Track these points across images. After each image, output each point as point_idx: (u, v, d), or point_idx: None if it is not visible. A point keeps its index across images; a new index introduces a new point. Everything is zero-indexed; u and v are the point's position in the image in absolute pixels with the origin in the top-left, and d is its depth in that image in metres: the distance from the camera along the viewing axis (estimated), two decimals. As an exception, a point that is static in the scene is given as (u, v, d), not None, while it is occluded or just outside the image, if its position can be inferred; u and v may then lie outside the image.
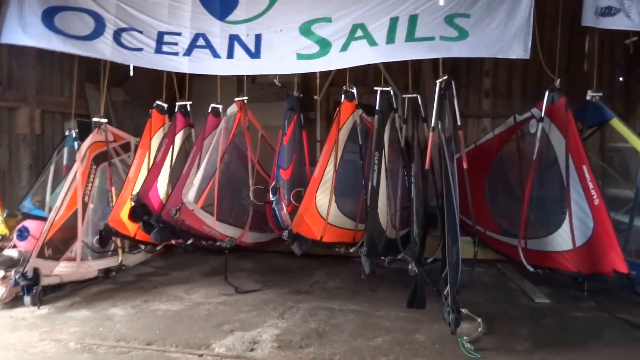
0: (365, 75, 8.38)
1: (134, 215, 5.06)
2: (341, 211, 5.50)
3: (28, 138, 6.64)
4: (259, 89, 9.05)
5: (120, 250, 6.02)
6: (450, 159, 4.67)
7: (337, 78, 8.24)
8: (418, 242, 4.90)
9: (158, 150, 5.51)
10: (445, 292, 4.89)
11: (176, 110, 6.01)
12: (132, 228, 5.48)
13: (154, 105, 6.06)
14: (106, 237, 5.20)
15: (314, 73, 7.04)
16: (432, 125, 4.91)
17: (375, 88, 5.48)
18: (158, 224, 4.89)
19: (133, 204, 5.01)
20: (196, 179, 5.22)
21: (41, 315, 4.88)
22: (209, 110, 5.89)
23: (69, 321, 4.73)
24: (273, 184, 5.24)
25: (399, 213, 5.61)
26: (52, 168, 6.11)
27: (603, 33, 5.74)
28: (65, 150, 6.16)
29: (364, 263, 4.56)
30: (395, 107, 5.59)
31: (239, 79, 6.30)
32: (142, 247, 6.03)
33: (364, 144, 5.60)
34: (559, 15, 5.85)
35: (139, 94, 7.71)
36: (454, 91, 4.89)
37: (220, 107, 5.93)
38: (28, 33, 5.70)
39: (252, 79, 9.18)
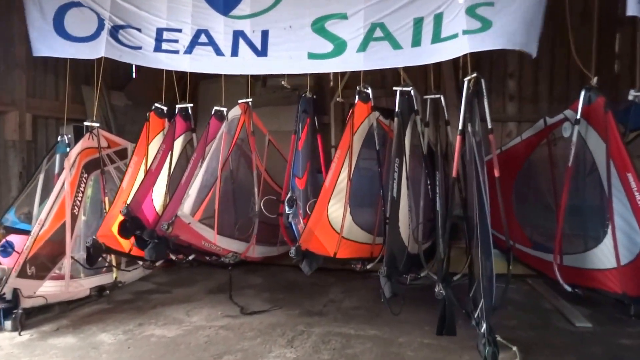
0: (382, 78, 7.86)
1: (123, 230, 4.54)
2: (357, 224, 4.94)
3: (18, 144, 6.15)
4: (271, 92, 8.58)
5: (115, 267, 5.49)
6: (481, 165, 4.11)
7: (351, 81, 7.72)
8: (445, 260, 4.32)
9: (154, 157, 4.99)
10: (475, 316, 4.37)
11: (176, 113, 5.48)
12: (125, 243, 4.97)
13: (152, 108, 5.55)
14: (95, 254, 4.68)
15: (327, 75, 6.56)
16: (460, 128, 4.36)
17: (394, 88, 4.92)
18: (152, 239, 4.36)
19: (123, 217, 4.47)
20: (193, 189, 4.69)
21: (20, 343, 4.37)
22: (212, 114, 5.37)
23: (50, 350, 4.22)
24: (289, 195, 4.70)
25: (422, 226, 5.04)
26: (41, 177, 5.62)
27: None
28: (57, 157, 5.65)
29: (384, 285, 3.99)
30: (416, 108, 5.04)
31: (249, 81, 5.77)
32: (140, 262, 5.50)
33: (381, 149, 5.06)
34: (592, 11, 5.35)
35: (142, 98, 7.20)
36: (484, 90, 4.33)
37: (224, 110, 5.40)
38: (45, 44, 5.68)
39: (263, 82, 8.72)
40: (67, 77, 5.85)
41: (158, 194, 5.04)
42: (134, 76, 7.80)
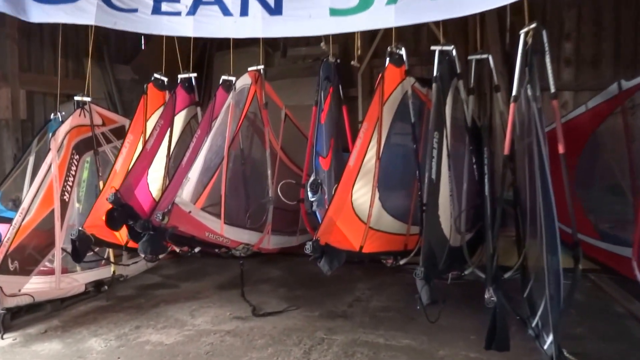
0: (417, 43, 6.96)
1: (110, 220, 3.85)
2: (387, 211, 4.16)
3: (11, 123, 5.58)
4: (291, 63, 7.80)
5: (112, 262, 4.88)
6: (544, 139, 3.24)
7: (381, 47, 6.87)
8: (495, 258, 3.49)
9: (150, 135, 4.29)
10: (534, 325, 3.57)
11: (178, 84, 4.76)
12: (121, 234, 4.32)
13: (152, 79, 4.84)
14: (81, 248, 4.02)
15: (353, 41, 5.70)
16: (514, 93, 3.49)
17: (432, 48, 4.06)
18: (146, 231, 3.67)
19: (111, 204, 3.80)
20: (193, 171, 3.98)
21: (1, 348, 3.80)
22: (220, 84, 4.62)
23: (31, 359, 3.63)
24: (312, 178, 3.92)
25: (465, 213, 4.21)
26: (31, 160, 5.01)
27: None
28: (50, 138, 5.02)
29: (421, 290, 3.20)
30: (459, 72, 4.17)
31: (261, 45, 4.99)
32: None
33: (417, 122, 4.24)
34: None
35: (151, 72, 6.52)
36: (546, 44, 3.43)
37: (233, 79, 4.64)
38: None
39: (283, 51, 7.94)
40: (60, 48, 5.18)
41: (155, 178, 4.34)
42: (143, 47, 7.27)
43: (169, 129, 4.46)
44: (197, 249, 4.50)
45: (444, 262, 3.74)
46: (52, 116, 5.09)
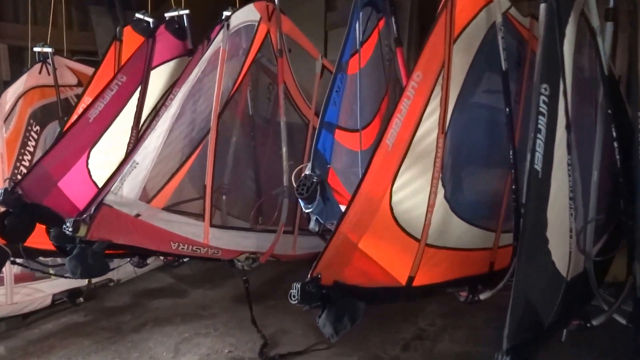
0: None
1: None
2: (459, 214, 2.59)
3: (-9, 86, 4.56)
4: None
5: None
6: None
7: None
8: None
9: (96, 98, 2.97)
10: None
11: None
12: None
13: (133, 19, 3.52)
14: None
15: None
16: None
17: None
18: (70, 244, 2.40)
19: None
20: (144, 153, 2.59)
21: None
22: (218, 21, 3.18)
23: None
24: (306, 172, 2.35)
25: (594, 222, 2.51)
26: None
27: None
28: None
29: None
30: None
31: None
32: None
33: (512, 71, 2.58)
34: None
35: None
36: None
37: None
38: None
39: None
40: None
41: (107, 162, 3.01)
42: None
43: (141, 89, 3.11)
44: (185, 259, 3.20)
45: (556, 313, 2.13)
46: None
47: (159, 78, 3.25)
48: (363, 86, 2.77)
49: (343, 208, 2.10)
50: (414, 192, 2.31)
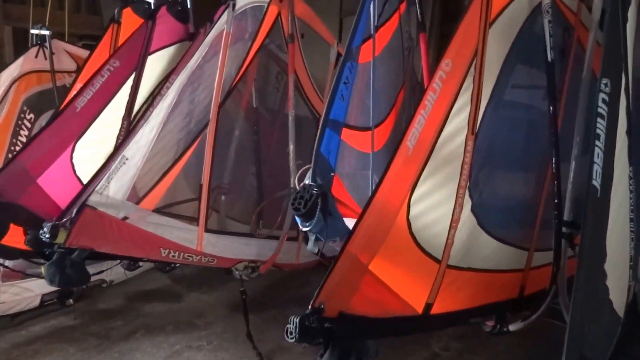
0: None
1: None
2: (488, 230, 2.22)
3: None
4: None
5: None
6: None
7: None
8: None
9: (86, 85, 2.66)
10: None
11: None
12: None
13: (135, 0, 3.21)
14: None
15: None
16: None
17: None
18: (47, 249, 2.11)
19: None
20: (135, 147, 2.29)
21: None
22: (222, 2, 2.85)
23: None
24: (304, 182, 1.96)
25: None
26: None
27: None
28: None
29: None
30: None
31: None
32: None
33: (557, 62, 2.23)
34: None
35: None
36: None
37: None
38: None
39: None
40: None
41: (94, 156, 2.69)
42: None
43: (135, 76, 2.80)
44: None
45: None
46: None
47: (156, 64, 2.93)
48: (378, 77, 2.42)
49: (349, 222, 1.75)
50: (435, 204, 1.94)
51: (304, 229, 1.88)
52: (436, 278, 2.00)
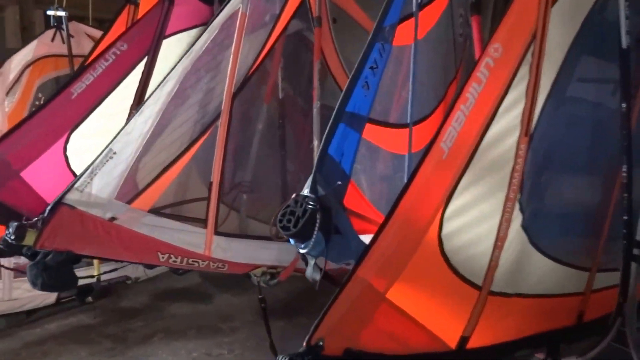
0: None
1: None
2: (543, 249, 1.86)
3: (20, 55, 4.22)
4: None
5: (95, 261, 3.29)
6: None
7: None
8: None
9: (86, 69, 2.43)
10: None
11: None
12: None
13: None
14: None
15: None
16: None
17: None
18: (27, 251, 1.92)
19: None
20: (123, 140, 2.03)
21: None
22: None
23: None
24: (303, 193, 1.61)
25: None
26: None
27: None
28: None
29: None
30: None
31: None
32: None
33: (634, 51, 1.81)
34: None
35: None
36: None
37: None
38: None
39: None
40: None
41: (92, 146, 2.46)
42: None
43: (147, 61, 2.57)
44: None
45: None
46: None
47: (173, 49, 2.69)
48: (421, 65, 2.07)
49: (368, 239, 1.44)
50: (476, 219, 1.61)
51: (301, 251, 1.58)
52: (475, 307, 1.68)
